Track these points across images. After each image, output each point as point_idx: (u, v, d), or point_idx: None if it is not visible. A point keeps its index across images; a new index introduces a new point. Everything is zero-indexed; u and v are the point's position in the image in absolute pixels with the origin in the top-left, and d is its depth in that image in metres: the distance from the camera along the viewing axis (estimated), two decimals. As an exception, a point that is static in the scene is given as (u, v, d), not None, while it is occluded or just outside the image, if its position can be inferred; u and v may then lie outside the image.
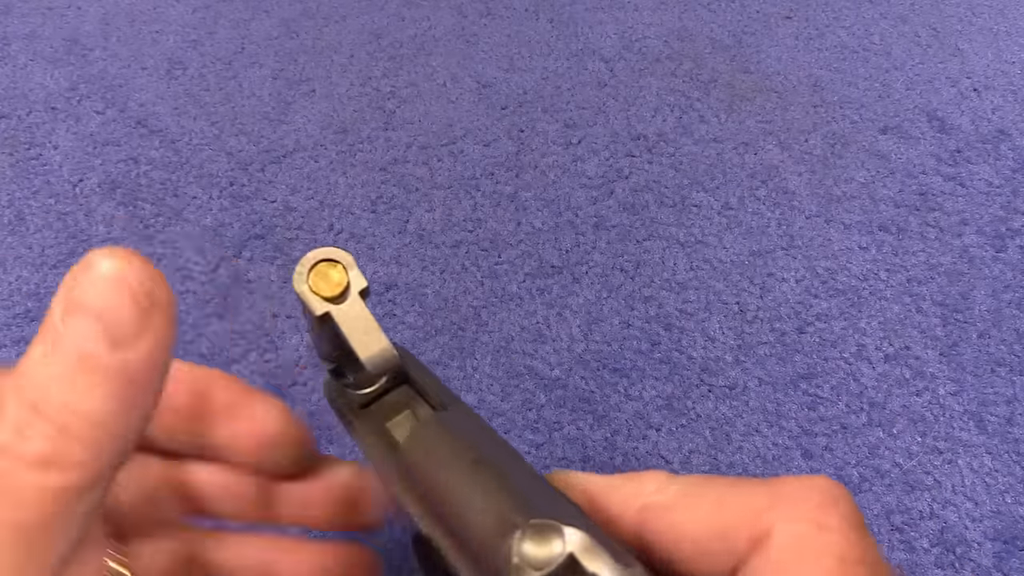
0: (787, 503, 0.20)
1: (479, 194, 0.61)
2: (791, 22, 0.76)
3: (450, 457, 0.23)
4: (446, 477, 0.22)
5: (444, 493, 0.22)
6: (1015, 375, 0.52)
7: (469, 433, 0.24)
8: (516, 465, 0.23)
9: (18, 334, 0.53)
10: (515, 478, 0.22)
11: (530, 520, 0.19)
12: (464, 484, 0.22)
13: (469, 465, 0.22)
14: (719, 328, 0.54)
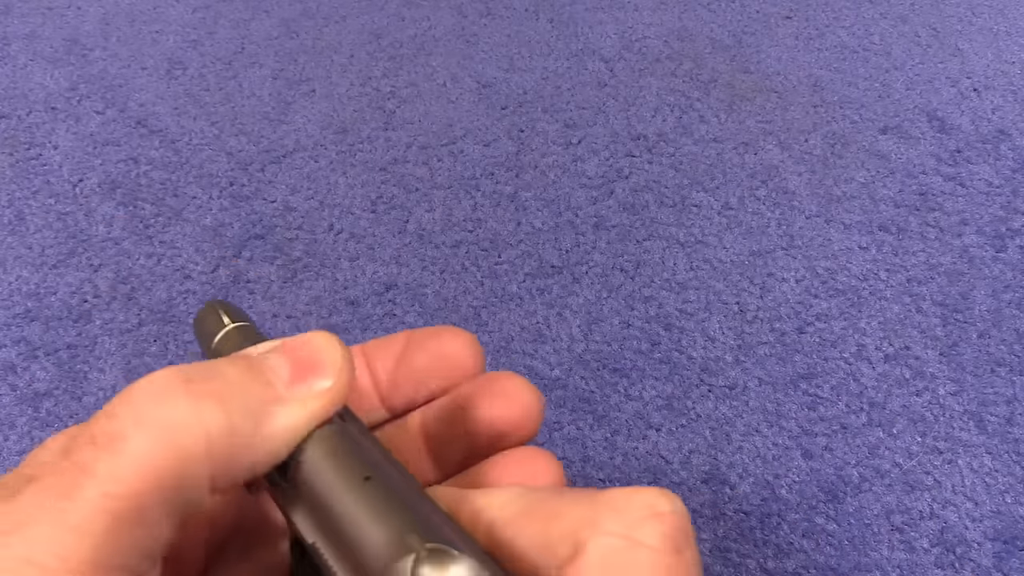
0: (608, 515, 0.18)
1: (479, 194, 0.61)
2: (791, 22, 0.76)
3: (342, 471, 0.22)
4: (338, 492, 0.22)
5: (334, 507, 0.21)
6: (1015, 375, 0.52)
7: (361, 449, 0.23)
8: (407, 483, 0.22)
9: (18, 334, 0.53)
10: (407, 496, 0.21)
11: (426, 544, 0.19)
12: (356, 500, 0.21)
13: (361, 482, 0.22)
14: (719, 328, 0.54)
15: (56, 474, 0.18)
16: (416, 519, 0.20)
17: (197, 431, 0.19)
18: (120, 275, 0.56)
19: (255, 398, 0.20)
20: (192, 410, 0.19)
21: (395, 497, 0.21)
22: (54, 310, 0.54)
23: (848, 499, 0.46)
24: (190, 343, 0.53)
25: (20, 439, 0.48)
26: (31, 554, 0.17)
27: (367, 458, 0.22)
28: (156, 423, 0.19)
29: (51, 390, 0.50)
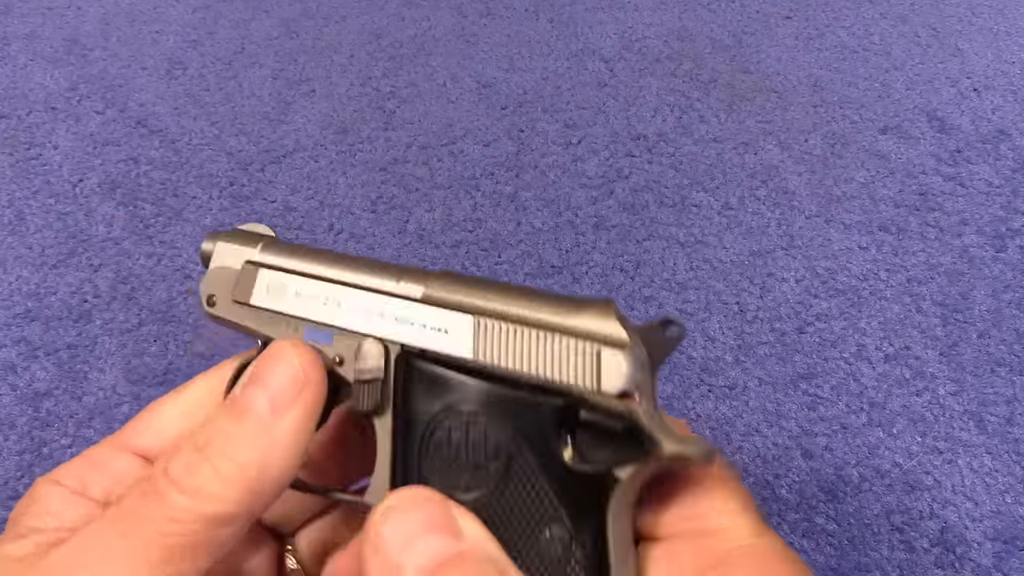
0: None
1: (479, 194, 0.61)
2: (791, 22, 0.76)
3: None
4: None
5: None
6: (1015, 375, 0.52)
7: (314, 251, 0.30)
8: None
9: (18, 334, 0.53)
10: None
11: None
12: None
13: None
14: (719, 328, 0.54)
15: (112, 518, 0.24)
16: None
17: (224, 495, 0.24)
18: (120, 275, 0.56)
19: (253, 441, 0.24)
20: (211, 477, 0.24)
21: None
22: (54, 310, 0.54)
23: (848, 499, 0.46)
24: (190, 343, 0.53)
25: (20, 439, 0.48)
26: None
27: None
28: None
29: (51, 390, 0.50)
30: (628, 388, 0.25)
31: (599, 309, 0.26)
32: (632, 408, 0.24)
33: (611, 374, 0.25)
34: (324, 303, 0.29)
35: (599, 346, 0.25)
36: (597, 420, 0.25)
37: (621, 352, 0.25)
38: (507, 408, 0.26)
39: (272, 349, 0.26)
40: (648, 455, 0.24)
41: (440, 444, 0.26)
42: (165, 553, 0.23)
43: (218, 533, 0.23)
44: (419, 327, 0.27)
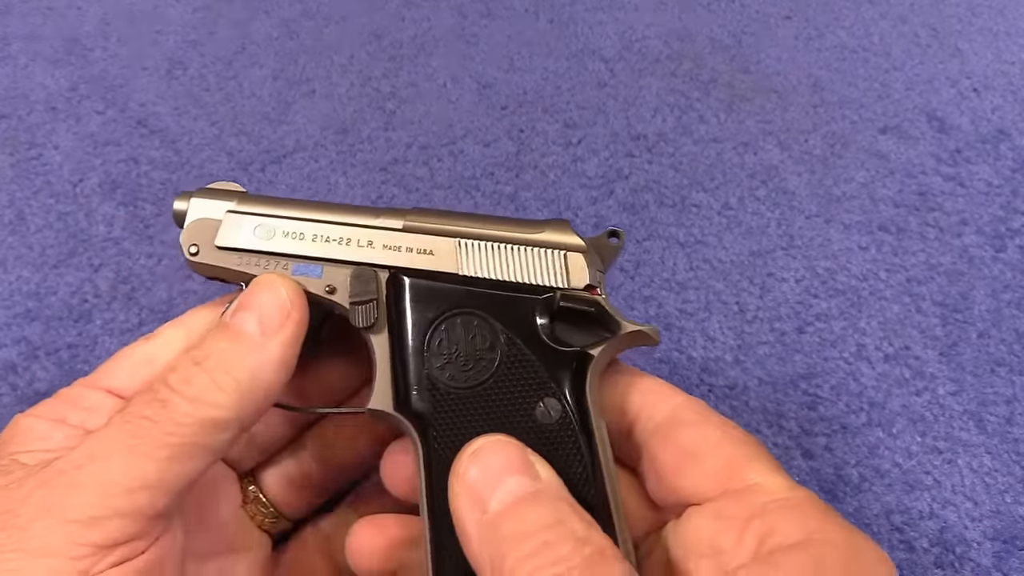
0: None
1: (479, 194, 0.61)
2: (791, 22, 0.76)
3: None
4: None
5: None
6: (1015, 375, 0.52)
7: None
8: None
9: (19, 334, 0.53)
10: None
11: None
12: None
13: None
14: (719, 328, 0.54)
15: (121, 422, 0.27)
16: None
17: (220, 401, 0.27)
18: (120, 275, 0.56)
19: (246, 358, 0.28)
20: (210, 387, 0.27)
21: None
22: (55, 310, 0.54)
23: (848, 499, 0.46)
24: (190, 343, 0.53)
25: (21, 439, 0.48)
26: (112, 476, 0.25)
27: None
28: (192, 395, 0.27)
29: (51, 390, 0.50)
30: (592, 281, 0.32)
31: (558, 226, 0.33)
32: (596, 298, 0.32)
33: (577, 272, 0.32)
34: (313, 239, 0.33)
35: (564, 252, 0.32)
36: (572, 308, 0.31)
37: (583, 255, 0.32)
38: (497, 307, 0.31)
39: (259, 280, 0.30)
40: (613, 334, 0.32)
41: (440, 346, 0.31)
42: (170, 452, 0.26)
43: (215, 438, 0.27)
44: (406, 251, 0.32)
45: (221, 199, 0.34)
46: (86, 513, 0.25)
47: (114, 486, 0.25)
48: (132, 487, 0.25)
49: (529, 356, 0.31)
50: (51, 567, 0.24)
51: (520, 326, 0.31)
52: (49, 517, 0.25)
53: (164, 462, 0.26)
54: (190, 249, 0.34)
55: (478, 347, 0.31)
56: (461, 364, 0.31)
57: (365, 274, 0.32)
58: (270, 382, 0.28)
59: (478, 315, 0.31)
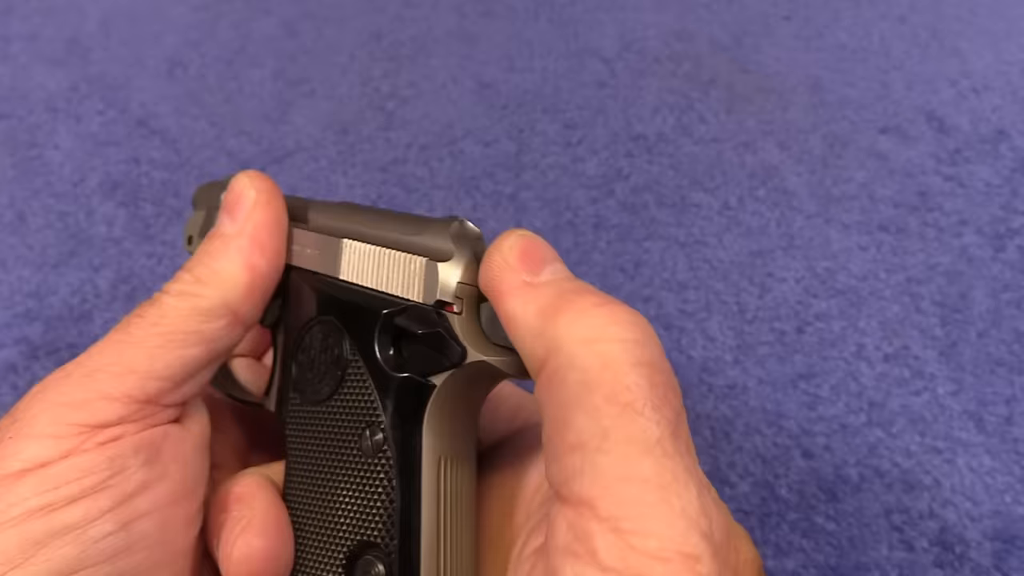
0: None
1: (479, 194, 0.61)
2: (791, 22, 0.76)
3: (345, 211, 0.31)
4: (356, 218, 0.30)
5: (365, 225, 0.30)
6: (1014, 375, 0.52)
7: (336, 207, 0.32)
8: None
9: (19, 334, 0.53)
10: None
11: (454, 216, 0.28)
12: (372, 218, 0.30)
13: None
14: (719, 328, 0.54)
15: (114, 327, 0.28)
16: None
17: (213, 293, 0.28)
18: (121, 275, 0.56)
19: (222, 249, 0.29)
20: (192, 281, 0.29)
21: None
22: (55, 310, 0.54)
23: (848, 499, 0.47)
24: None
25: (21, 439, 0.48)
26: (100, 365, 0.26)
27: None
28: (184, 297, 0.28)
29: (52, 390, 0.50)
30: (445, 297, 0.27)
31: (439, 227, 0.28)
32: (445, 316, 0.27)
33: (431, 284, 0.27)
34: None
35: (424, 259, 0.28)
36: (411, 327, 0.27)
37: (441, 264, 0.27)
38: (349, 318, 0.28)
39: (235, 179, 0.31)
40: (456, 363, 0.26)
41: (305, 350, 0.30)
42: (159, 340, 0.27)
43: (207, 325, 0.28)
44: (305, 248, 0.31)
45: (218, 190, 0.34)
46: (72, 397, 0.26)
47: (101, 372, 0.26)
48: (119, 372, 0.26)
49: (365, 377, 0.27)
50: (36, 447, 0.25)
51: (364, 341, 0.28)
52: (40, 404, 0.26)
53: (154, 349, 0.27)
54: (188, 241, 0.35)
55: (328, 359, 0.28)
56: (313, 376, 0.29)
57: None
58: (251, 265, 0.29)
59: (334, 324, 0.29)
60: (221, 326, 0.28)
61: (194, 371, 0.28)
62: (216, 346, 0.28)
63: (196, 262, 0.29)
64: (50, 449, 0.25)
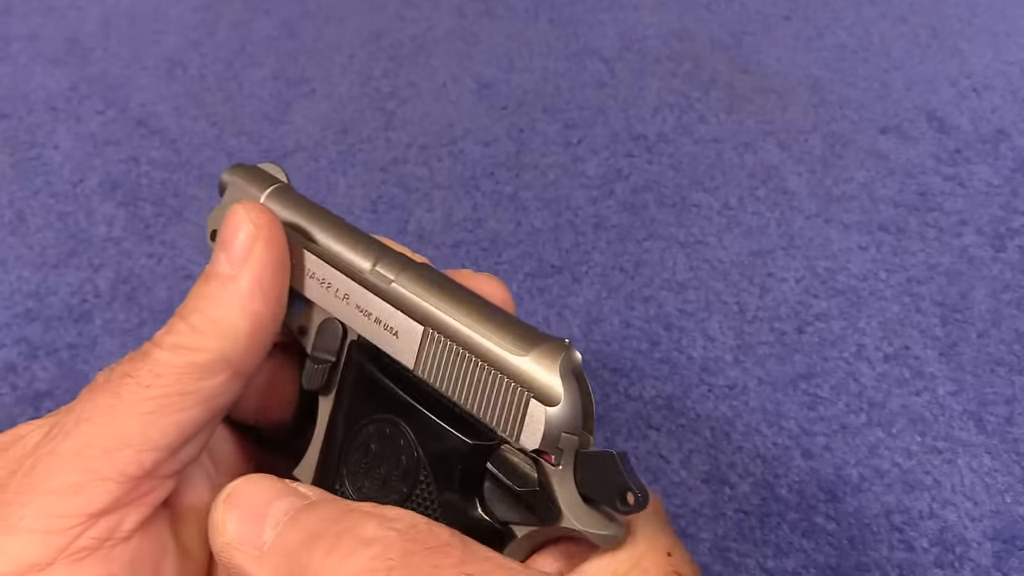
0: None
1: (479, 194, 0.61)
2: (791, 22, 0.76)
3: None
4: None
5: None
6: (1014, 375, 0.52)
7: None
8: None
9: (19, 334, 0.53)
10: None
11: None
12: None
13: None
14: (719, 328, 0.54)
15: (104, 383, 0.25)
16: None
17: (210, 344, 0.25)
18: (120, 275, 0.56)
19: (219, 294, 0.26)
20: (187, 331, 0.26)
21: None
22: (55, 310, 0.54)
23: (848, 499, 0.46)
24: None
25: (21, 439, 0.48)
26: (91, 439, 0.23)
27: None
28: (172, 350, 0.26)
29: (52, 390, 0.50)
30: (546, 447, 0.23)
31: (548, 351, 0.24)
32: (545, 469, 0.23)
33: (533, 428, 0.23)
34: (304, 272, 0.28)
35: (530, 395, 0.23)
36: (506, 474, 0.24)
37: (549, 408, 0.23)
38: (427, 434, 0.25)
39: (228, 214, 0.27)
40: (546, 522, 0.23)
41: (361, 447, 0.26)
42: (152, 406, 0.24)
43: (204, 383, 0.25)
44: (374, 322, 0.26)
45: (254, 187, 0.30)
46: (63, 481, 0.23)
47: (92, 447, 0.23)
48: (112, 446, 0.23)
49: (434, 506, 0.24)
50: (24, 545, 0.22)
51: (442, 466, 0.24)
52: (29, 491, 0.23)
53: (148, 415, 0.24)
54: (212, 234, 0.31)
55: (395, 470, 0.25)
56: (372, 481, 0.25)
57: (331, 331, 0.27)
58: (251, 312, 0.26)
59: (406, 430, 0.25)
60: (220, 382, 0.25)
61: (192, 434, 0.25)
62: (215, 404, 0.25)
63: (191, 308, 0.26)
64: (40, 548, 0.22)
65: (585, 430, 0.24)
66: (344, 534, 0.21)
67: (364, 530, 0.21)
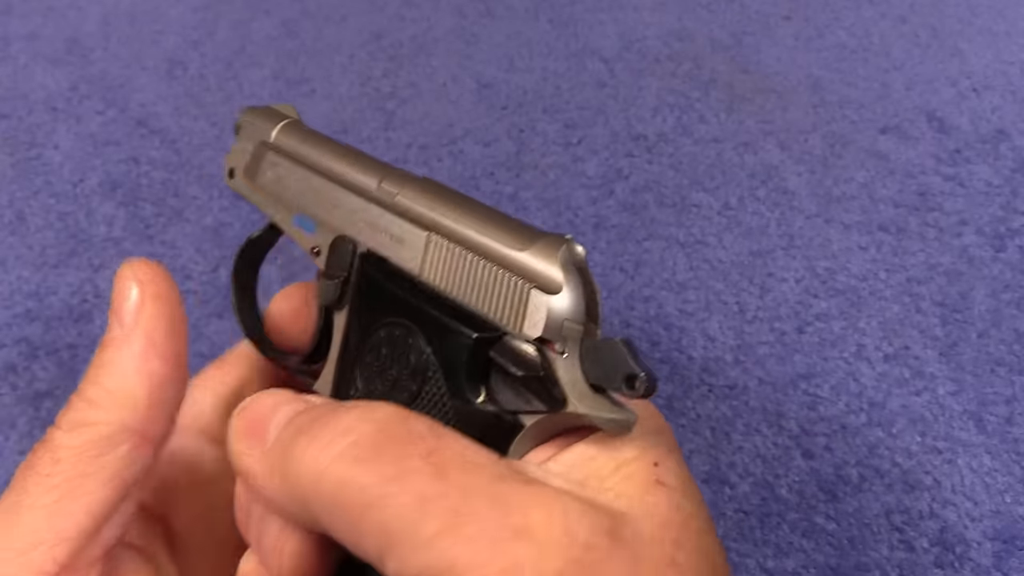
0: None
1: (479, 194, 0.61)
2: (791, 22, 0.76)
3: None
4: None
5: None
6: (1014, 375, 0.52)
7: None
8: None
9: (19, 334, 0.53)
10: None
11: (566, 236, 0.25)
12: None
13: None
14: (719, 328, 0.54)
15: (12, 481, 0.24)
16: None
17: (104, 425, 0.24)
18: (121, 275, 0.56)
19: (113, 361, 0.25)
20: (83, 406, 0.24)
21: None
22: (55, 310, 0.54)
23: (848, 499, 0.47)
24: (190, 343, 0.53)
25: (20, 439, 0.48)
26: (2, 544, 0.22)
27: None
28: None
29: (52, 390, 0.50)
30: (549, 335, 0.24)
31: (549, 245, 0.25)
32: (549, 356, 0.24)
33: (534, 317, 0.24)
34: (315, 194, 0.30)
35: (531, 286, 0.24)
36: (509, 362, 0.24)
37: (550, 297, 0.24)
38: (434, 331, 0.25)
39: (118, 273, 0.27)
40: (554, 409, 0.23)
41: (373, 351, 0.27)
42: (56, 494, 0.23)
43: (107, 458, 0.24)
44: (382, 233, 0.28)
45: (267, 123, 0.31)
46: None
47: (5, 552, 0.22)
48: (22, 547, 0.22)
49: (444, 400, 0.25)
50: None
51: (449, 360, 0.25)
52: None
53: (53, 507, 0.23)
54: (229, 173, 0.32)
55: (404, 369, 0.26)
56: (384, 383, 0.26)
57: (342, 247, 0.28)
58: (148, 374, 0.25)
59: (415, 331, 0.26)
60: (124, 453, 0.24)
61: (105, 515, 0.23)
62: (123, 478, 0.24)
63: (88, 380, 0.25)
64: None
65: (590, 320, 0.24)
66: (324, 426, 0.22)
67: (340, 422, 0.22)
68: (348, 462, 0.21)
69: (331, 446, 0.21)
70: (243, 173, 0.32)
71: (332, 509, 0.21)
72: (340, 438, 0.21)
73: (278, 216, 0.31)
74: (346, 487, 0.20)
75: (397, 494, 0.20)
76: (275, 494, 0.23)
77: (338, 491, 0.21)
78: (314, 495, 0.21)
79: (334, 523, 0.21)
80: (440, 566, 0.19)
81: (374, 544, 0.20)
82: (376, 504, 0.20)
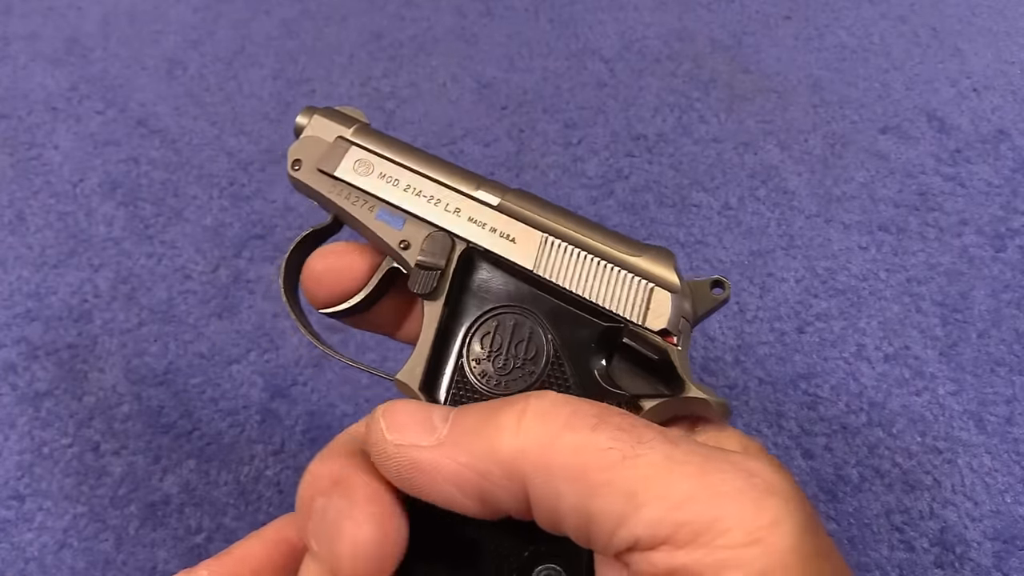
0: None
1: (479, 194, 0.61)
2: (791, 22, 0.76)
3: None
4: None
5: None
6: (1014, 375, 0.52)
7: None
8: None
9: (19, 334, 0.53)
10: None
11: None
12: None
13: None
14: (719, 328, 0.54)
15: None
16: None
17: None
18: (120, 275, 0.56)
19: None
20: None
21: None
22: (55, 310, 0.54)
23: (848, 499, 0.46)
24: (190, 343, 0.53)
25: (20, 439, 0.48)
26: None
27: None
28: None
29: (52, 390, 0.50)
30: (671, 327, 0.27)
31: (660, 255, 0.29)
32: (669, 347, 0.27)
33: (659, 311, 0.28)
34: (405, 189, 0.31)
35: (651, 285, 0.28)
36: (636, 349, 0.27)
37: (672, 295, 0.28)
38: (556, 319, 0.28)
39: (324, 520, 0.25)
40: (673, 393, 0.26)
41: (486, 338, 0.29)
42: None
43: None
44: (489, 231, 0.30)
45: (339, 123, 0.33)
46: None
47: None
48: None
49: (570, 384, 0.27)
50: None
51: (573, 348, 0.28)
52: None
53: None
54: (293, 164, 0.33)
55: (522, 355, 0.28)
56: (499, 366, 0.28)
57: (442, 240, 0.30)
58: None
59: (534, 320, 0.29)
60: None
61: None
62: None
63: None
64: None
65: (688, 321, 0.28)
66: (513, 408, 0.23)
67: (532, 403, 0.23)
68: (582, 429, 0.22)
69: (548, 418, 0.22)
70: (314, 165, 0.33)
71: (564, 474, 0.22)
72: (554, 410, 0.22)
73: (356, 209, 0.32)
74: (583, 450, 0.21)
75: (647, 453, 0.21)
76: (453, 474, 0.23)
77: (574, 456, 0.21)
78: (540, 463, 0.22)
79: (563, 488, 0.22)
80: (700, 521, 0.20)
81: (613, 508, 0.21)
82: (619, 465, 0.21)
